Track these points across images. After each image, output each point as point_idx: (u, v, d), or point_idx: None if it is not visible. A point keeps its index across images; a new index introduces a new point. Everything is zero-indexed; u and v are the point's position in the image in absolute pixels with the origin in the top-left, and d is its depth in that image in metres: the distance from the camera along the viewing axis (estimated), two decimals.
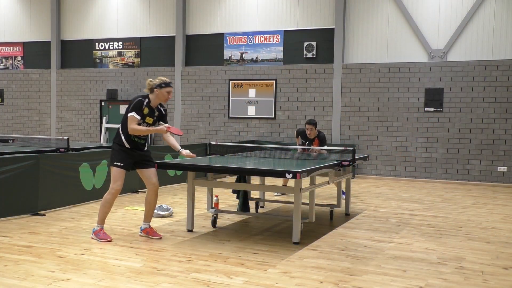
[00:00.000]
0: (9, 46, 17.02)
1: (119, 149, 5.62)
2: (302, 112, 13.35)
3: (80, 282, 4.25)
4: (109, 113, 15.12)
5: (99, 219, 5.72)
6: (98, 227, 5.71)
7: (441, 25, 12.14)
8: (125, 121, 5.56)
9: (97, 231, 5.69)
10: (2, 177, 6.54)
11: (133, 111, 5.52)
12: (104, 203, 5.67)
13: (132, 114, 5.51)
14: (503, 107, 11.63)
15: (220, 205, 7.60)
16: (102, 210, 5.69)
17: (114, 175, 5.63)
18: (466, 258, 5.28)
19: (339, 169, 6.89)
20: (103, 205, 5.67)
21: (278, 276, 4.52)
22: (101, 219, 5.72)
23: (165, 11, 14.88)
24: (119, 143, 5.63)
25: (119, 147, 5.62)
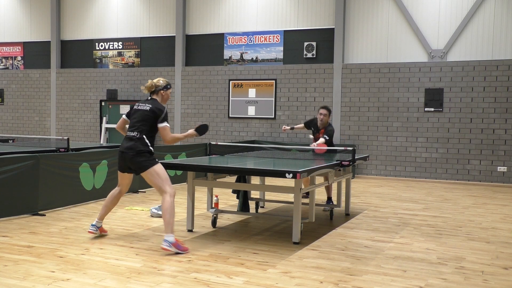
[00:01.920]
0: (9, 46, 17.02)
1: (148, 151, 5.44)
2: (302, 112, 13.35)
3: (80, 282, 4.25)
4: (109, 113, 15.13)
5: (170, 228, 5.23)
6: (173, 237, 5.19)
7: (441, 25, 12.14)
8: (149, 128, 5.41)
9: (175, 242, 5.18)
10: (2, 177, 6.54)
11: (166, 121, 5.47)
12: (169, 210, 5.26)
13: (167, 124, 5.46)
14: (503, 107, 11.63)
15: (220, 205, 7.60)
16: (170, 216, 5.24)
17: (162, 174, 5.39)
18: (466, 258, 5.28)
19: (339, 169, 6.90)
20: (169, 211, 5.25)
21: (278, 276, 4.52)
22: (172, 226, 5.26)
23: (165, 11, 14.88)
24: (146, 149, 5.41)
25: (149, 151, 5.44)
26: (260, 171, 5.85)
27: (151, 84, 5.60)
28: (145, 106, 5.50)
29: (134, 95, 15.27)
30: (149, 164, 5.38)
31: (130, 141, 5.44)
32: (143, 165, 5.37)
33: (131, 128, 5.51)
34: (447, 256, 5.34)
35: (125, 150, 5.44)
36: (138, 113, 5.51)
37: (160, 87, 5.59)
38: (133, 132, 5.45)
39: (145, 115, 5.44)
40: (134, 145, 5.39)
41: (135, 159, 5.37)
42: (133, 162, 5.40)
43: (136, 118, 5.50)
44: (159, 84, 5.60)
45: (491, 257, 5.35)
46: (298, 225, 5.69)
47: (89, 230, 5.77)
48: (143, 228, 6.36)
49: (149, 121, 5.43)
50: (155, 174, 5.37)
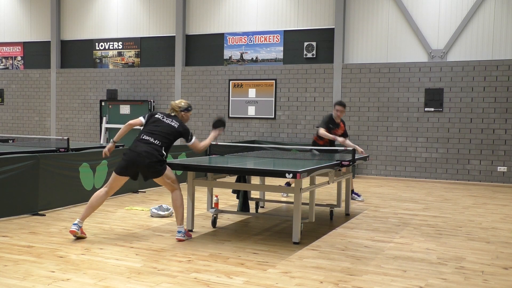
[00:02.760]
0: (9, 46, 17.02)
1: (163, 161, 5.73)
2: (302, 112, 13.35)
3: (80, 282, 4.25)
4: (109, 113, 15.13)
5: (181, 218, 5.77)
6: (183, 227, 5.78)
7: (441, 25, 12.14)
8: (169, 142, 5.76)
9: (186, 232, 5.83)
10: (2, 177, 6.54)
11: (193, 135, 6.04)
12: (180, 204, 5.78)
13: (195, 138, 6.04)
14: (503, 107, 11.63)
15: (220, 205, 7.60)
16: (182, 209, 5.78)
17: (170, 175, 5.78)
18: (466, 258, 5.28)
19: (339, 169, 6.89)
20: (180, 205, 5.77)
21: (278, 276, 4.52)
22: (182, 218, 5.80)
23: (165, 11, 14.88)
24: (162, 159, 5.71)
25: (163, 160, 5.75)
26: (260, 171, 5.85)
27: (174, 105, 6.02)
28: (173, 122, 5.82)
29: (134, 95, 15.27)
30: (164, 170, 5.70)
31: (150, 147, 5.62)
32: (160, 172, 5.66)
33: (151, 135, 5.69)
34: (447, 256, 5.34)
35: (144, 153, 5.59)
36: (164, 125, 5.78)
37: (182, 108, 6.02)
38: (155, 140, 5.66)
39: (173, 131, 5.77)
40: (154, 154, 5.60)
41: (153, 167, 5.60)
42: (149, 169, 5.62)
43: (161, 128, 5.75)
44: (181, 106, 6.03)
45: (491, 257, 5.35)
46: (298, 225, 5.69)
47: (71, 229, 5.67)
48: (143, 228, 6.36)
49: (173, 137, 5.78)
50: (166, 177, 5.74)
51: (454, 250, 5.61)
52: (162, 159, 5.66)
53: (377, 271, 4.75)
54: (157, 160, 5.61)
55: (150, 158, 5.58)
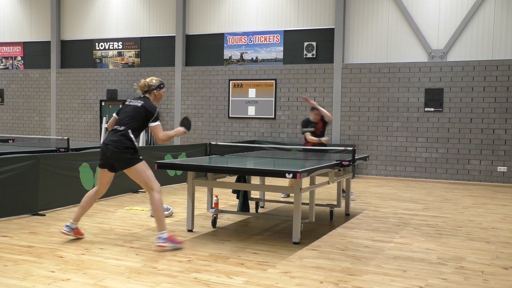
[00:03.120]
0: (9, 46, 17.03)
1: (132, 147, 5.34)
2: (302, 112, 13.34)
3: (80, 282, 4.25)
4: (109, 113, 15.12)
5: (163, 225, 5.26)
6: (166, 232, 5.27)
7: (441, 25, 12.14)
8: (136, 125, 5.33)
9: (170, 237, 5.26)
10: (2, 177, 6.54)
11: (158, 120, 5.42)
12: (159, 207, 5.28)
13: (159, 123, 5.42)
14: (503, 107, 11.63)
15: (220, 205, 7.60)
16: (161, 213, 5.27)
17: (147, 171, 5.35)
18: (466, 258, 5.28)
19: (339, 169, 6.89)
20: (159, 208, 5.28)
21: (278, 276, 4.52)
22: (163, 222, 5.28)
23: (165, 11, 14.88)
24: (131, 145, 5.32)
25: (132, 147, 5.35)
26: (260, 171, 5.85)
27: (144, 83, 5.55)
28: (137, 103, 5.42)
29: (134, 95, 15.27)
30: (134, 161, 5.30)
31: (115, 134, 5.34)
32: (128, 162, 5.28)
33: (118, 122, 5.42)
34: (447, 256, 5.34)
35: (110, 142, 5.31)
36: (128, 108, 5.43)
37: (153, 87, 5.54)
38: (121, 126, 5.36)
39: (136, 111, 5.36)
40: (119, 140, 5.28)
41: (120, 155, 5.26)
42: (117, 159, 5.29)
43: (126, 113, 5.40)
44: (152, 84, 5.55)
45: (491, 257, 5.35)
46: (298, 225, 5.68)
47: (62, 231, 5.55)
48: (143, 228, 6.36)
49: (139, 117, 5.35)
50: (141, 171, 5.32)
51: (454, 250, 5.61)
52: (129, 146, 5.29)
53: (377, 271, 4.75)
54: (123, 146, 5.26)
55: (116, 146, 5.27)
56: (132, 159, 5.30)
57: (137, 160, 5.32)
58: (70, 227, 5.57)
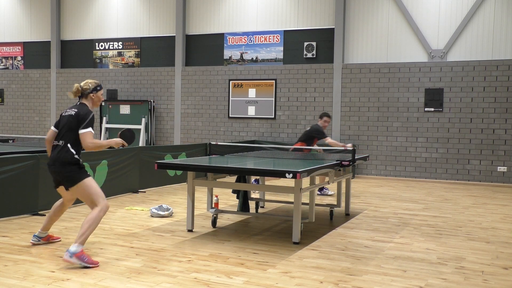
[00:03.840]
0: (9, 46, 17.02)
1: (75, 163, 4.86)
2: (302, 112, 13.35)
3: (80, 282, 4.25)
4: (109, 113, 15.12)
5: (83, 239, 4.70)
6: (79, 247, 4.66)
7: (441, 25, 12.14)
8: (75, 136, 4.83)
9: (79, 253, 4.63)
10: (2, 177, 6.54)
11: (90, 127, 4.85)
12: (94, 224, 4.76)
13: (90, 130, 4.83)
14: (503, 107, 11.63)
15: (220, 205, 7.60)
16: (90, 230, 4.75)
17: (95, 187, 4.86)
18: (466, 258, 5.28)
19: (339, 169, 6.89)
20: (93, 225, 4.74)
21: (278, 276, 4.52)
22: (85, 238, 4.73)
23: (165, 11, 14.88)
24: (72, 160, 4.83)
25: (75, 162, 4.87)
26: (260, 171, 5.85)
27: (76, 88, 5.01)
28: (71, 111, 4.93)
29: (134, 95, 15.27)
30: (78, 177, 4.82)
31: (54, 151, 4.90)
32: (71, 178, 4.82)
33: (57, 137, 4.95)
34: (447, 256, 5.34)
35: (51, 162, 4.90)
36: (64, 119, 4.93)
37: (89, 90, 5.00)
38: (59, 141, 4.89)
39: (70, 121, 4.86)
40: (59, 156, 4.82)
41: (62, 173, 4.82)
42: (61, 176, 4.85)
43: (62, 125, 4.94)
44: (86, 87, 5.01)
45: (491, 257, 5.35)
46: (298, 225, 5.69)
47: (31, 241, 5.38)
48: (143, 228, 6.36)
49: (73, 127, 4.84)
50: (86, 188, 4.83)
51: (454, 250, 5.61)
52: (70, 161, 4.80)
53: (377, 271, 4.75)
54: (64, 162, 4.80)
55: (57, 163, 4.82)
56: (75, 175, 4.83)
57: (81, 176, 4.84)
58: (39, 237, 5.38)
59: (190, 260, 4.95)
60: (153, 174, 9.56)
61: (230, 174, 8.13)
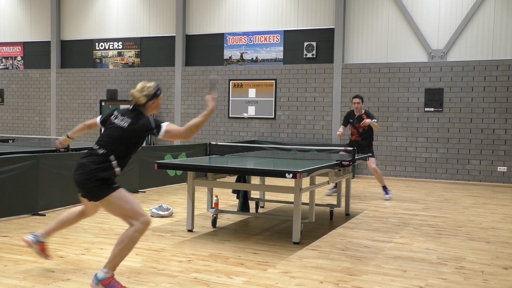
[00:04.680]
0: (9, 46, 17.02)
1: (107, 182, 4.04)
2: (302, 112, 13.35)
3: (80, 282, 4.25)
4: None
5: (114, 264, 3.99)
6: (109, 273, 3.96)
7: (441, 25, 12.14)
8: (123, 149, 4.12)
9: (107, 280, 3.94)
10: (2, 177, 6.54)
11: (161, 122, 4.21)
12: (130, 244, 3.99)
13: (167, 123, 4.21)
14: (503, 107, 11.63)
15: (220, 205, 7.60)
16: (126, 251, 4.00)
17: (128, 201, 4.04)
18: (466, 258, 5.28)
19: (339, 169, 6.89)
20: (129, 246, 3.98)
21: (278, 276, 4.52)
22: (116, 264, 4.02)
23: (165, 11, 14.88)
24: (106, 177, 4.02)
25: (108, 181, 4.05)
26: (260, 171, 5.85)
27: (143, 93, 4.23)
28: (123, 121, 4.14)
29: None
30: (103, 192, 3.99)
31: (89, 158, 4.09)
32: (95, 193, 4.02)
33: (98, 143, 4.16)
34: (447, 256, 5.34)
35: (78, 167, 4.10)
36: (113, 127, 4.17)
37: (151, 95, 4.25)
38: (99, 149, 4.11)
39: (121, 134, 4.10)
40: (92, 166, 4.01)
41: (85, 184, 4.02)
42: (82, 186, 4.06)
43: (110, 132, 4.17)
44: (149, 92, 4.25)
45: (491, 257, 5.35)
46: (298, 225, 5.68)
47: (25, 238, 4.51)
48: None
49: (126, 140, 4.12)
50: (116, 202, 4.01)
51: (454, 250, 5.61)
52: (104, 176, 3.98)
53: (377, 271, 4.75)
54: (95, 175, 3.97)
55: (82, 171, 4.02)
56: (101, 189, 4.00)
57: (110, 190, 4.01)
58: (38, 239, 4.50)
59: (190, 260, 4.95)
60: (153, 174, 9.56)
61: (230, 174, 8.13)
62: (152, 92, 4.26)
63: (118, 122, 4.18)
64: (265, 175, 5.83)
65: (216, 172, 6.20)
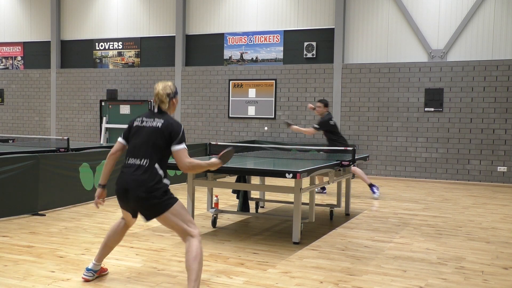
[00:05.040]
0: (9, 46, 17.02)
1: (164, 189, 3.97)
2: (302, 112, 13.34)
3: (80, 282, 4.25)
4: (109, 113, 15.12)
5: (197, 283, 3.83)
6: None
7: (441, 25, 12.14)
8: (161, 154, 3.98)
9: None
10: (2, 177, 6.54)
11: (184, 142, 4.01)
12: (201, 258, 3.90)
13: (185, 146, 4.01)
14: (503, 107, 11.63)
15: (220, 205, 7.60)
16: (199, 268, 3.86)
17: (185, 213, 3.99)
18: (466, 258, 5.28)
19: (339, 169, 6.89)
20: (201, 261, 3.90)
21: (278, 276, 4.52)
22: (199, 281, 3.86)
23: (165, 11, 14.88)
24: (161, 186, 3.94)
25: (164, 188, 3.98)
26: (260, 171, 5.85)
27: (163, 94, 4.06)
28: (155, 121, 4.01)
29: (134, 95, 15.27)
30: (166, 205, 3.92)
31: (136, 172, 3.92)
32: (158, 208, 3.91)
33: (134, 154, 4.00)
34: (447, 256, 5.34)
35: (132, 187, 3.91)
36: (147, 132, 3.99)
37: (172, 95, 4.11)
38: (139, 160, 3.96)
39: (157, 135, 3.95)
40: (144, 180, 3.88)
41: (149, 201, 3.89)
42: (145, 206, 3.93)
43: (144, 139, 3.98)
44: (170, 92, 4.10)
45: (491, 257, 5.35)
46: (298, 225, 5.68)
47: (83, 276, 4.30)
48: (143, 228, 6.36)
49: (162, 142, 3.95)
50: (176, 215, 3.94)
51: (454, 250, 5.61)
52: (158, 187, 3.89)
53: (377, 271, 4.75)
54: (152, 188, 3.87)
55: (141, 190, 3.87)
56: (163, 202, 3.92)
57: (171, 202, 3.94)
58: (93, 271, 4.33)
59: None
60: None
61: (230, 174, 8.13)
62: (174, 90, 4.14)
63: (149, 124, 4.02)
64: (265, 175, 5.83)
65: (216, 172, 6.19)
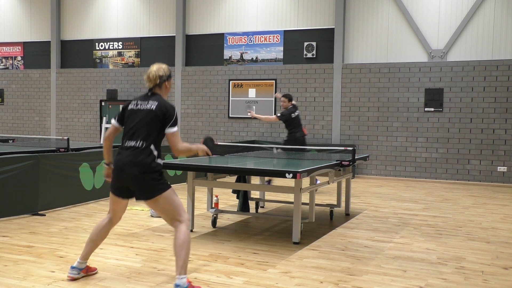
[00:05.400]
0: (9, 46, 17.02)
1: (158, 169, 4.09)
2: (302, 112, 13.32)
3: (80, 282, 4.25)
4: (109, 113, 15.13)
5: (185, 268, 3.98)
6: (185, 278, 3.97)
7: (441, 25, 12.14)
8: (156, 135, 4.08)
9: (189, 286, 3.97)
10: (2, 177, 6.54)
11: (176, 125, 4.12)
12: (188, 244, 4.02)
13: (177, 129, 4.12)
14: (503, 107, 11.62)
15: (220, 205, 7.60)
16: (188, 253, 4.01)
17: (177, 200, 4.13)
18: (466, 258, 5.28)
19: (339, 169, 6.89)
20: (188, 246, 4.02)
21: (278, 276, 4.52)
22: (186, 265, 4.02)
23: (165, 11, 14.88)
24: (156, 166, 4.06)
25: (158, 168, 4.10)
26: (260, 171, 5.85)
27: (155, 75, 4.18)
28: (149, 105, 4.10)
29: (134, 95, 15.26)
30: (161, 187, 4.03)
31: (132, 153, 4.03)
32: (154, 188, 4.01)
33: (130, 136, 4.09)
34: (447, 256, 5.34)
35: (127, 167, 4.02)
36: (139, 114, 4.10)
37: (165, 77, 4.22)
38: (135, 141, 4.06)
39: (152, 117, 4.05)
40: (140, 161, 3.99)
41: (143, 181, 3.99)
42: (140, 185, 4.02)
43: (137, 121, 4.09)
44: (162, 74, 4.21)
45: (491, 257, 5.35)
46: (298, 225, 5.68)
47: (68, 275, 4.30)
48: (143, 228, 6.36)
49: (156, 124, 4.06)
50: (168, 201, 4.06)
51: (454, 250, 5.61)
52: (155, 166, 4.02)
53: (377, 271, 4.75)
54: (147, 167, 3.99)
55: (137, 169, 3.99)
56: (158, 184, 4.03)
57: (164, 186, 4.06)
58: (78, 268, 4.33)
59: (190, 260, 4.95)
60: None
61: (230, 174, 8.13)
62: (168, 73, 4.24)
63: (143, 106, 4.12)
64: (265, 175, 5.83)
65: (216, 172, 6.20)
